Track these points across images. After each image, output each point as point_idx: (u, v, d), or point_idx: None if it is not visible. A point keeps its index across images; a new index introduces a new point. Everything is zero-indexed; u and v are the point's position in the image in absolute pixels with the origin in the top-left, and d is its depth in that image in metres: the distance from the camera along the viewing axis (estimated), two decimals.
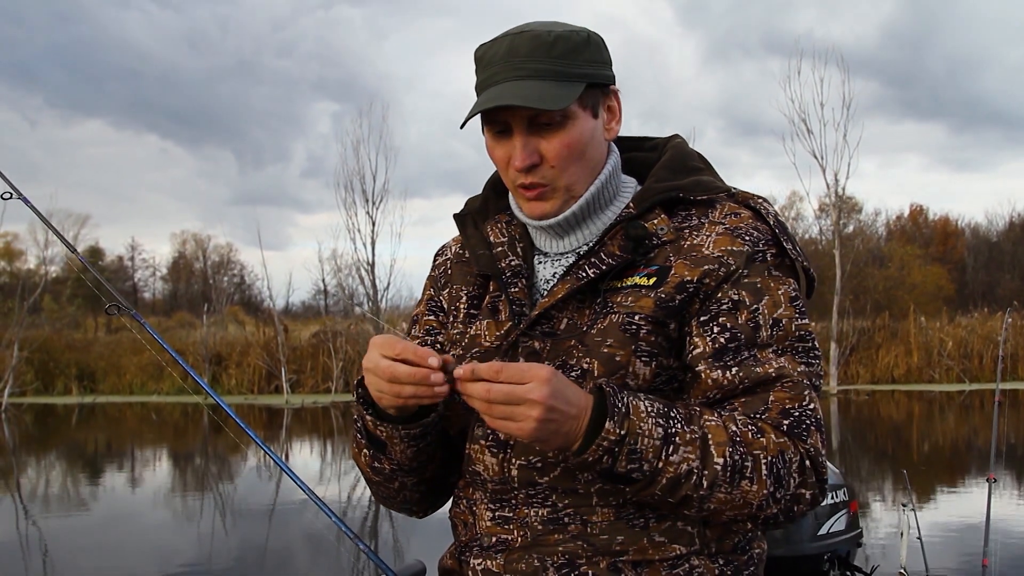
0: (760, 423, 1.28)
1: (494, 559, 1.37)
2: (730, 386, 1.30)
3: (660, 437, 1.21)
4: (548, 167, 1.36)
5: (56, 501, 9.27)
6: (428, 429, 1.38)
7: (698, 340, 1.31)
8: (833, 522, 2.89)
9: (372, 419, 1.38)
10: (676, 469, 1.22)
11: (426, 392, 1.24)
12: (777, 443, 1.27)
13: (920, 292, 30.98)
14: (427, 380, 1.23)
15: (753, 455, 1.25)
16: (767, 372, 1.29)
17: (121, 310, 2.01)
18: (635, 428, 1.20)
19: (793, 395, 1.29)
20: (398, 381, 1.24)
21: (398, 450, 1.41)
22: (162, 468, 11.87)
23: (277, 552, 6.63)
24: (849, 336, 22.39)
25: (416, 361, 1.23)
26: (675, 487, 1.23)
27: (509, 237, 1.47)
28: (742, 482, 1.24)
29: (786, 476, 1.26)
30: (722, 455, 1.23)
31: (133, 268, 48.10)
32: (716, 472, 1.23)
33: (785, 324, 1.32)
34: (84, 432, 16.42)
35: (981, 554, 3.56)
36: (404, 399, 1.25)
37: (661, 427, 1.22)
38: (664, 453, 1.21)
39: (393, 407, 1.30)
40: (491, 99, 1.31)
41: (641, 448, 1.20)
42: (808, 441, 1.29)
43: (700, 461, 1.22)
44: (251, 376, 22.20)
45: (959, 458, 11.27)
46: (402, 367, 1.24)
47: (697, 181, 1.41)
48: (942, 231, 43.66)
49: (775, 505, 1.27)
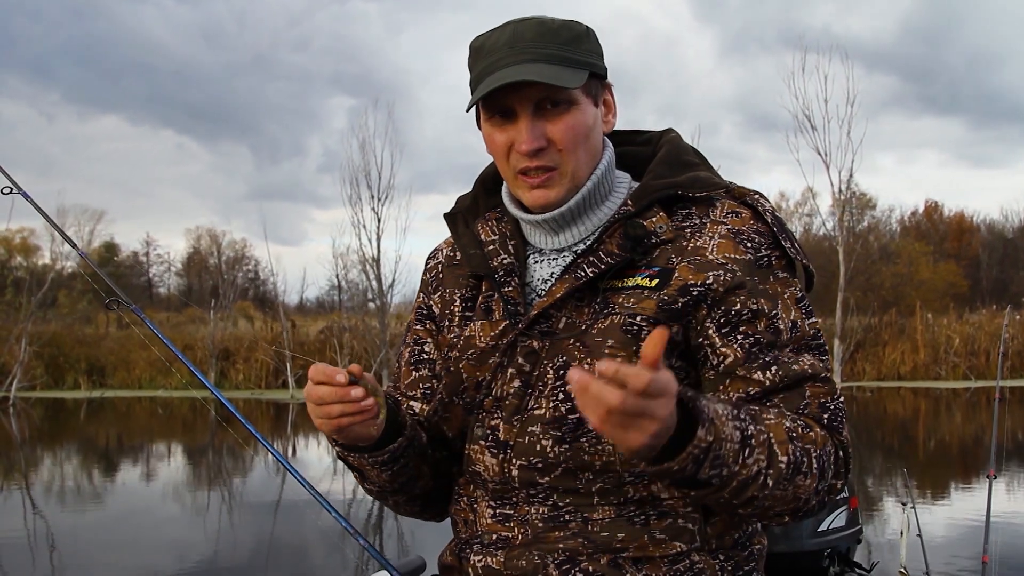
0: (803, 418, 1.29)
1: (494, 556, 1.37)
2: (771, 386, 1.30)
3: (738, 441, 1.18)
4: (555, 150, 1.35)
5: (55, 495, 9.29)
6: (397, 454, 1.38)
7: (726, 350, 1.31)
8: (833, 518, 2.88)
9: (339, 449, 1.39)
10: (748, 471, 1.20)
11: (352, 408, 1.24)
12: (822, 436, 1.29)
13: (928, 289, 30.84)
14: (348, 396, 1.23)
15: (805, 450, 1.25)
16: (803, 369, 1.31)
17: (122, 305, 2.00)
18: (720, 434, 1.16)
19: (826, 390, 1.32)
20: (325, 403, 1.25)
21: (373, 475, 1.41)
22: (164, 464, 11.89)
23: (277, 548, 6.64)
24: (856, 332, 22.31)
25: (327, 381, 1.24)
26: (744, 489, 1.21)
27: (500, 235, 1.46)
28: (797, 477, 1.24)
29: (828, 468, 1.28)
30: (786, 453, 1.23)
31: (148, 263, 48.02)
32: (780, 471, 1.22)
33: (800, 325, 1.34)
34: (88, 426, 16.46)
35: (981, 551, 3.57)
36: (336, 420, 1.26)
37: (738, 430, 1.19)
38: (741, 456, 1.19)
39: (333, 432, 1.30)
40: (504, 78, 1.29)
41: (723, 453, 1.17)
42: (843, 434, 1.32)
43: (767, 461, 1.21)
44: (258, 371, 22.25)
45: (961, 455, 11.23)
46: (323, 388, 1.25)
47: (695, 177, 1.40)
48: (957, 227, 43.25)
49: (815, 497, 1.28)
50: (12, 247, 35.09)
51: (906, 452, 11.74)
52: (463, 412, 1.41)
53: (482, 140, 1.42)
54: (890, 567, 4.43)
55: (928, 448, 12.02)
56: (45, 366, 22.07)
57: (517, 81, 1.29)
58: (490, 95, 1.32)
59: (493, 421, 1.37)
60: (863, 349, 22.38)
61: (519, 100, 1.32)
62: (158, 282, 48.50)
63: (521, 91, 1.31)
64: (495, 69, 1.31)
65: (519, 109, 1.33)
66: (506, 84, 1.29)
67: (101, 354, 22.91)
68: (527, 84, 1.30)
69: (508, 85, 1.29)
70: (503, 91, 1.31)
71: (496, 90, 1.30)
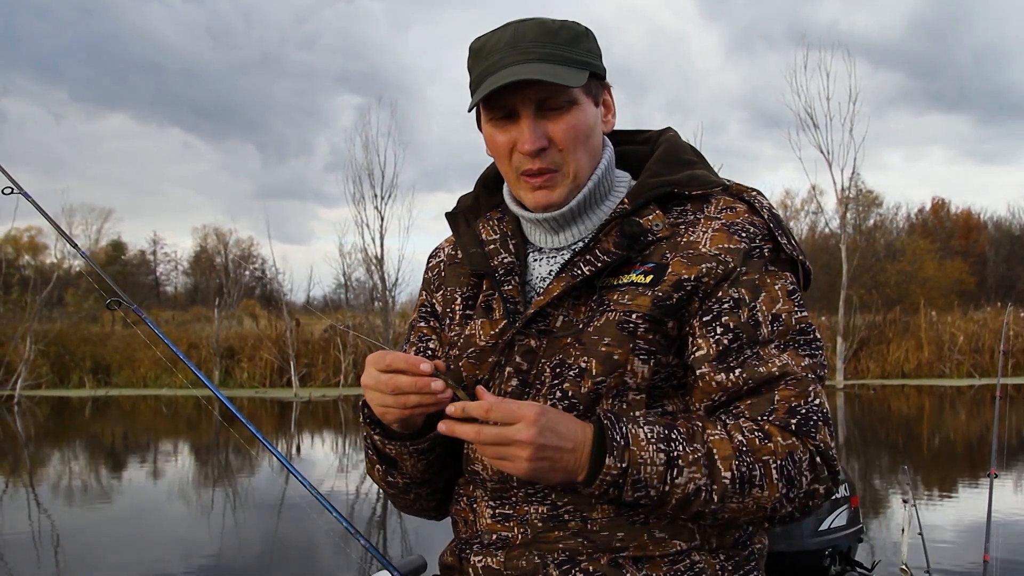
0: (768, 425, 1.28)
1: (494, 556, 1.37)
2: (734, 388, 1.29)
3: (663, 463, 1.23)
4: (556, 151, 1.35)
5: (59, 493, 9.31)
6: (436, 442, 1.39)
7: (701, 341, 1.31)
8: (834, 518, 2.88)
9: (380, 438, 1.40)
10: (683, 490, 1.23)
11: (429, 400, 1.25)
12: (785, 445, 1.27)
13: (932, 286, 30.76)
14: (428, 388, 1.24)
15: (762, 462, 1.25)
16: (771, 371, 1.29)
17: (123, 304, 1.99)
18: (636, 459, 1.22)
19: (798, 392, 1.29)
20: (402, 392, 1.25)
21: (409, 465, 1.42)
22: (166, 462, 11.90)
23: (279, 547, 6.66)
24: (859, 330, 22.27)
25: (409, 370, 1.25)
26: (685, 505, 1.25)
27: (501, 234, 1.47)
28: (752, 490, 1.25)
29: (797, 476, 1.27)
30: (729, 468, 1.24)
31: (155, 262, 48.12)
32: (725, 486, 1.24)
33: (785, 319, 1.32)
34: (92, 425, 16.49)
35: (983, 549, 3.57)
36: (410, 409, 1.27)
37: (663, 452, 1.23)
38: (668, 477, 1.23)
39: (397, 420, 1.31)
40: (507, 77, 1.30)
41: (645, 476, 1.22)
42: (817, 437, 1.28)
43: (708, 478, 1.24)
44: (263, 370, 22.27)
45: (963, 453, 11.19)
46: (404, 378, 1.25)
47: (691, 175, 1.40)
48: (964, 224, 43.06)
49: (789, 504, 1.28)
50: (20, 246, 35.13)
51: (908, 450, 11.72)
52: None
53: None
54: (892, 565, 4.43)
55: (930, 446, 11.99)
56: (51, 364, 22.11)
57: (519, 81, 1.30)
58: (492, 95, 1.32)
59: None
60: (868, 347, 22.34)
61: (521, 100, 1.33)
62: (165, 281, 48.61)
63: (523, 91, 1.32)
64: (497, 69, 1.32)
65: (521, 109, 1.34)
66: (508, 84, 1.29)
67: (107, 352, 22.94)
68: (529, 84, 1.31)
69: (510, 85, 1.30)
70: (505, 91, 1.31)
71: (498, 90, 1.31)
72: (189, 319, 29.57)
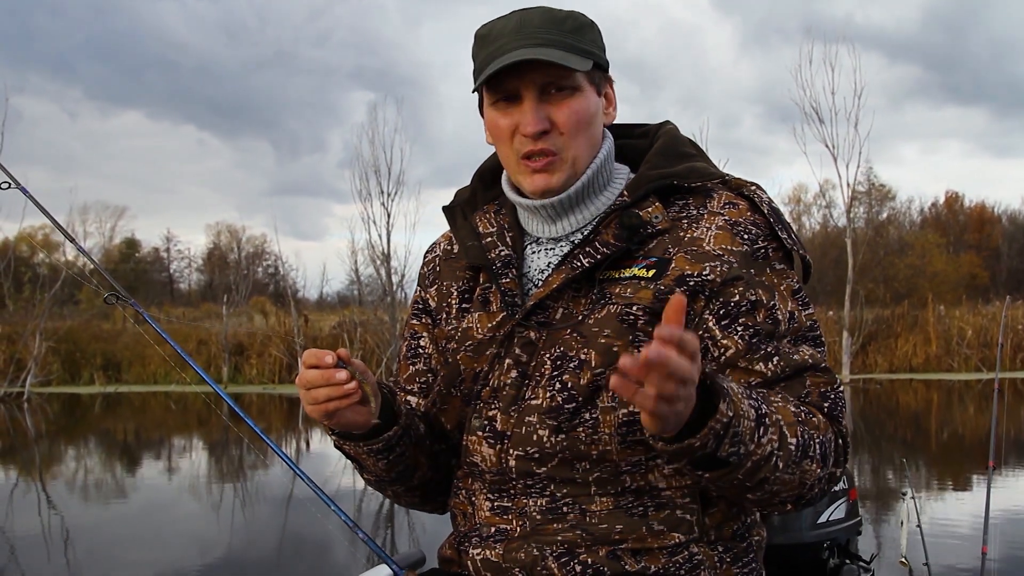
0: (806, 405, 1.31)
1: (493, 548, 1.38)
2: (773, 376, 1.31)
3: (754, 418, 1.18)
4: (558, 134, 1.35)
5: (67, 489, 9.36)
6: (392, 443, 1.39)
7: (727, 342, 1.31)
8: (833, 510, 2.88)
9: (335, 438, 1.41)
10: (763, 451, 1.20)
11: (337, 392, 1.24)
12: (824, 423, 1.30)
13: (941, 280, 30.61)
14: (332, 379, 1.23)
15: (811, 434, 1.26)
16: (804, 359, 1.32)
17: (121, 300, 1.95)
18: (739, 410, 1.16)
19: (826, 379, 1.33)
20: (313, 386, 1.25)
21: (370, 464, 1.43)
22: (174, 459, 11.95)
23: (277, 541, 6.66)
24: (867, 324, 22.19)
25: (318, 364, 1.25)
26: (757, 470, 1.21)
27: (498, 227, 1.47)
28: (804, 461, 1.25)
29: (831, 455, 1.29)
30: (795, 435, 1.23)
31: (169, 259, 48.05)
32: (790, 452, 1.23)
33: (798, 316, 1.35)
34: (102, 421, 16.55)
35: (981, 542, 3.59)
36: (323, 405, 1.26)
37: (753, 408, 1.19)
38: (757, 435, 1.19)
39: (322, 417, 1.29)
40: (512, 58, 1.30)
41: (741, 430, 1.16)
42: (843, 423, 1.32)
43: (779, 441, 1.21)
44: (272, 366, 22.32)
45: (965, 447, 11.14)
46: (311, 371, 1.25)
47: (691, 168, 1.40)
48: (978, 218, 42.61)
49: (818, 485, 1.29)
50: (34, 243, 35.21)
51: (910, 443, 11.68)
52: (461, 403, 1.42)
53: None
54: (891, 558, 4.45)
55: (932, 439, 11.95)
56: (61, 361, 22.18)
57: (523, 64, 1.31)
58: (496, 78, 1.34)
59: (490, 412, 1.38)
60: (875, 341, 22.25)
61: (524, 84, 1.34)
62: (179, 278, 48.60)
63: (527, 74, 1.33)
64: (502, 52, 1.33)
65: (524, 92, 1.35)
66: (512, 67, 1.31)
67: (117, 349, 22.98)
68: (533, 68, 1.32)
69: (514, 69, 1.31)
70: (509, 74, 1.33)
71: (502, 73, 1.32)
72: (200, 315, 29.62)
